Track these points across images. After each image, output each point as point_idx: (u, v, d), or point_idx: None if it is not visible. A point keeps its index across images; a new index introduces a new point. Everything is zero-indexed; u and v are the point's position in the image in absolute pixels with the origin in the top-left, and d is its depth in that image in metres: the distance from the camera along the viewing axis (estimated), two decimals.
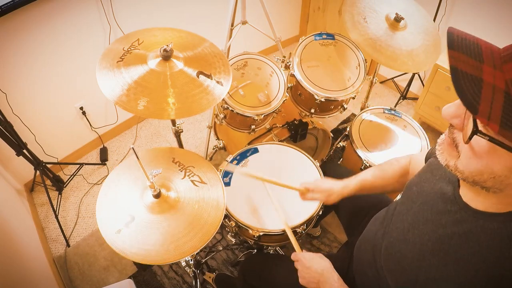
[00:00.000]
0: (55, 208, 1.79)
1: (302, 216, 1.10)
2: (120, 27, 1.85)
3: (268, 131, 1.56)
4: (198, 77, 1.02)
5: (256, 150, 1.30)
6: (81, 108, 1.98)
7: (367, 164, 1.36)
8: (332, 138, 1.71)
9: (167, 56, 0.99)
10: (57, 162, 2.01)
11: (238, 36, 1.66)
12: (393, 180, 0.96)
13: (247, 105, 1.40)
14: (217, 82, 1.03)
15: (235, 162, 1.26)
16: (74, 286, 1.60)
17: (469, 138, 0.47)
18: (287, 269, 1.03)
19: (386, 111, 1.56)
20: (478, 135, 0.45)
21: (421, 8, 1.44)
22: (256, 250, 1.39)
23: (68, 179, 2.01)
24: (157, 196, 0.88)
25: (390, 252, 0.71)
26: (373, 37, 1.31)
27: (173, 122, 1.28)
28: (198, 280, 1.38)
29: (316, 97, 1.40)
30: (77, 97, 1.95)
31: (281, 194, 1.17)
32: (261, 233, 1.06)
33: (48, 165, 1.87)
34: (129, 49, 1.03)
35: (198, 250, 0.85)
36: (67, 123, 1.98)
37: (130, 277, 1.61)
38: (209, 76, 1.03)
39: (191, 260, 1.28)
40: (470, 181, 0.53)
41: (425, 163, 0.81)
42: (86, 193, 1.98)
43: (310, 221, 1.12)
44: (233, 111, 1.37)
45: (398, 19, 1.33)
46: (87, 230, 1.82)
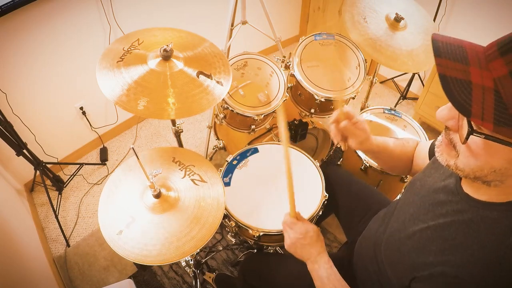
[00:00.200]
0: (55, 208, 1.79)
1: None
2: (120, 27, 1.85)
3: (268, 131, 1.56)
4: (198, 77, 1.02)
5: (256, 150, 1.30)
6: (81, 108, 1.98)
7: (367, 164, 1.36)
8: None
9: (167, 56, 0.99)
10: (57, 162, 2.01)
11: (238, 36, 1.66)
12: (406, 157, 0.94)
13: (247, 105, 1.39)
14: (217, 82, 1.03)
15: (235, 162, 1.25)
16: (74, 286, 1.60)
17: (466, 139, 0.48)
18: (287, 269, 1.03)
19: (386, 111, 1.56)
20: (474, 135, 0.47)
21: (421, 8, 1.44)
22: (256, 250, 1.39)
23: (68, 179, 2.01)
24: (157, 196, 0.88)
25: (390, 242, 0.73)
26: (373, 37, 1.31)
27: (173, 122, 1.28)
28: (198, 280, 1.38)
29: (316, 97, 1.40)
30: (77, 97, 1.95)
31: (281, 193, 1.17)
32: (261, 233, 1.06)
33: (48, 165, 1.87)
34: (129, 49, 1.03)
35: (198, 250, 0.85)
36: (67, 123, 1.99)
37: (130, 277, 1.61)
38: (209, 76, 1.03)
39: (191, 260, 1.27)
40: (472, 178, 0.53)
41: (429, 157, 0.82)
42: (86, 193, 1.98)
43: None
44: (233, 111, 1.37)
45: (398, 19, 1.33)
46: (87, 230, 1.82)
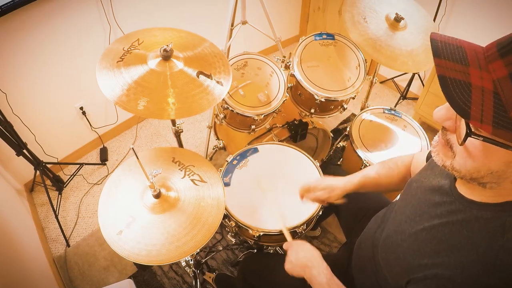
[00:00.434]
0: (55, 208, 1.79)
1: (302, 216, 1.10)
2: (120, 27, 1.85)
3: (268, 131, 1.56)
4: (198, 77, 1.02)
5: (256, 150, 1.30)
6: (81, 108, 1.98)
7: (367, 164, 1.36)
8: (332, 138, 1.71)
9: (167, 56, 0.99)
10: (57, 162, 2.01)
11: (238, 36, 1.66)
12: (397, 179, 0.94)
13: (247, 105, 1.40)
14: (217, 82, 1.03)
15: (235, 162, 1.26)
16: (74, 286, 1.60)
17: (464, 141, 0.47)
18: None
19: (386, 111, 1.56)
20: (472, 137, 0.46)
21: (421, 8, 1.44)
22: (256, 250, 1.39)
23: (68, 179, 2.01)
24: (157, 196, 0.88)
25: (387, 243, 0.73)
26: (373, 37, 1.31)
27: (173, 122, 1.28)
28: (198, 280, 1.38)
29: (316, 97, 1.40)
30: (77, 97, 1.95)
31: (281, 194, 1.18)
32: (261, 233, 1.06)
33: (48, 165, 1.87)
34: (129, 49, 1.03)
35: (198, 250, 0.85)
36: (67, 123, 1.99)
37: (130, 277, 1.61)
38: (209, 76, 1.03)
39: (191, 260, 1.27)
40: (468, 179, 0.53)
41: (426, 159, 0.82)
42: (86, 193, 1.98)
43: (310, 221, 1.12)
44: (233, 111, 1.37)
45: (398, 19, 1.33)
46: (87, 230, 1.82)
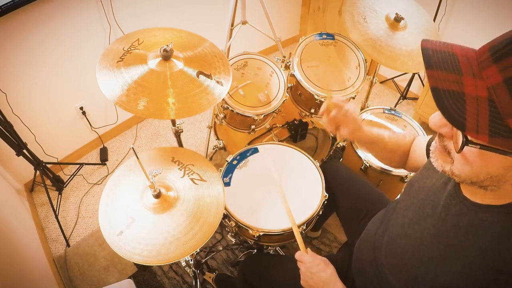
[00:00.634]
0: (55, 208, 1.79)
1: (302, 216, 1.10)
2: (120, 27, 1.85)
3: (268, 131, 1.56)
4: (198, 77, 1.02)
5: (256, 150, 1.30)
6: (81, 108, 1.98)
7: (367, 164, 1.36)
8: (332, 138, 1.71)
9: (167, 56, 0.99)
10: (57, 162, 2.01)
11: (238, 36, 1.66)
12: (401, 151, 0.92)
13: (247, 105, 1.39)
14: (217, 82, 1.03)
15: (235, 162, 1.25)
16: (74, 286, 1.60)
17: (461, 149, 0.47)
18: (287, 269, 1.03)
19: (386, 111, 1.56)
20: (469, 145, 0.46)
21: (421, 8, 1.44)
22: (256, 250, 1.39)
23: (68, 179, 2.01)
24: (157, 196, 0.88)
25: (391, 248, 0.72)
26: (373, 37, 1.31)
27: (173, 122, 1.28)
28: (198, 280, 1.38)
29: (316, 97, 1.40)
30: (77, 97, 1.95)
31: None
32: (261, 233, 1.06)
33: (48, 165, 1.87)
34: (129, 49, 1.03)
35: (198, 250, 0.85)
36: (67, 123, 1.99)
37: (130, 277, 1.61)
38: (209, 76, 1.03)
39: (191, 260, 1.27)
40: (468, 183, 0.53)
41: (427, 154, 0.81)
42: (86, 193, 1.98)
43: (310, 221, 1.12)
44: (233, 111, 1.37)
45: (398, 19, 1.33)
46: (87, 230, 1.82)
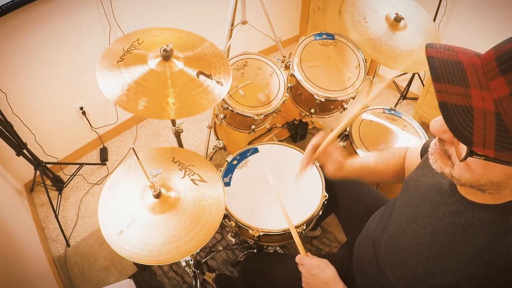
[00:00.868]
0: (55, 208, 1.79)
1: (302, 216, 1.10)
2: (120, 27, 1.85)
3: (268, 131, 1.57)
4: (198, 77, 1.02)
5: (256, 150, 1.30)
6: (81, 108, 1.98)
7: None
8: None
9: (167, 56, 0.99)
10: (57, 162, 2.01)
11: (238, 36, 1.66)
12: (392, 170, 0.94)
13: (247, 105, 1.40)
14: (217, 82, 1.03)
15: (235, 162, 1.25)
16: (74, 286, 1.60)
17: (464, 159, 0.46)
18: (287, 268, 1.03)
19: (386, 111, 1.56)
20: (473, 157, 0.45)
21: (421, 8, 1.44)
22: (256, 250, 1.39)
23: (68, 179, 2.01)
24: (157, 196, 0.88)
25: (389, 246, 0.72)
26: (373, 37, 1.31)
27: (173, 122, 1.28)
28: (198, 280, 1.38)
29: (316, 97, 1.40)
30: (77, 97, 1.95)
31: (281, 194, 1.17)
32: (261, 233, 1.06)
33: (48, 165, 1.87)
34: (129, 49, 1.03)
35: (198, 250, 0.85)
36: (67, 123, 1.98)
37: (130, 277, 1.61)
38: (209, 76, 1.03)
39: (191, 260, 1.27)
40: (468, 186, 0.53)
41: (421, 157, 0.81)
42: (86, 193, 1.98)
43: (310, 221, 1.12)
44: (233, 111, 1.37)
45: (398, 19, 1.33)
46: (87, 230, 1.82)
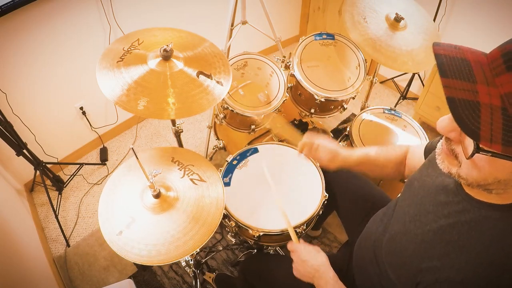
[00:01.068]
0: (55, 208, 1.79)
1: (302, 216, 1.10)
2: (120, 27, 1.85)
3: (268, 131, 1.57)
4: (198, 77, 1.02)
5: (256, 150, 1.30)
6: (81, 108, 1.98)
7: None
8: (332, 138, 1.71)
9: (167, 56, 0.99)
10: (57, 162, 2.01)
11: (238, 36, 1.66)
12: (394, 164, 0.94)
13: (247, 105, 1.40)
14: (217, 82, 1.03)
15: (235, 162, 1.26)
16: (74, 286, 1.60)
17: (471, 156, 0.47)
18: (287, 269, 1.03)
19: (386, 111, 1.56)
20: (480, 153, 0.45)
21: (421, 8, 1.44)
22: (256, 250, 1.39)
23: (68, 179, 2.01)
24: (157, 196, 0.88)
25: (391, 245, 0.72)
26: (373, 37, 1.31)
27: (173, 122, 1.28)
28: (198, 280, 1.38)
29: (316, 97, 1.40)
30: (77, 97, 1.95)
31: (281, 194, 1.17)
32: (261, 233, 1.06)
33: (48, 165, 1.87)
34: (129, 49, 1.03)
35: (198, 250, 0.85)
36: (67, 123, 1.98)
37: (130, 277, 1.61)
38: (209, 76, 1.04)
39: (191, 260, 1.27)
40: (475, 186, 0.53)
41: (425, 156, 0.81)
42: (86, 193, 1.98)
43: (310, 220, 1.12)
44: (233, 111, 1.37)
45: (398, 19, 1.33)
46: (87, 230, 1.82)
